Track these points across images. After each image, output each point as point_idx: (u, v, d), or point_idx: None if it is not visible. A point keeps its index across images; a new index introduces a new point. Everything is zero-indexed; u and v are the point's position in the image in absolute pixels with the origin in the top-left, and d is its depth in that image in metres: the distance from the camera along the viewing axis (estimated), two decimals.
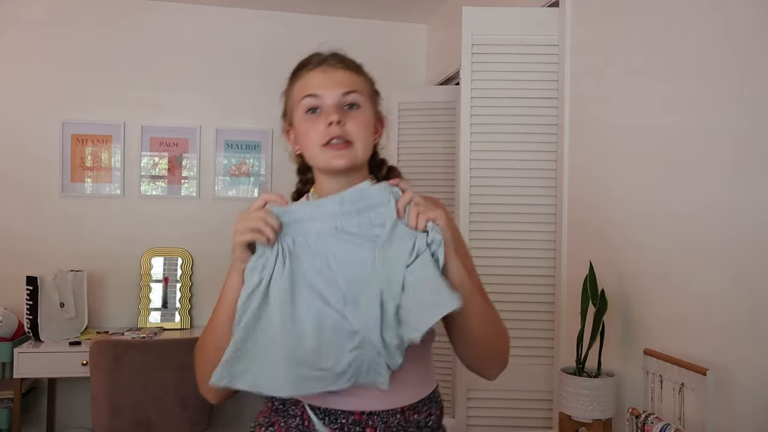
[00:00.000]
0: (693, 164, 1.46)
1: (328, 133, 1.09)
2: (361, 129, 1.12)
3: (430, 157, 3.06)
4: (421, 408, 1.12)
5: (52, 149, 3.29)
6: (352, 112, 1.12)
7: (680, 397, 1.42)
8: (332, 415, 1.07)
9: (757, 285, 1.27)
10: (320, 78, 1.13)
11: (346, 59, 1.17)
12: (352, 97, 1.12)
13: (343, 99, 1.12)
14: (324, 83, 1.12)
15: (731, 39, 1.36)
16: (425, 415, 1.14)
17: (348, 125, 1.10)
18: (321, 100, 1.11)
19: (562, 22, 2.07)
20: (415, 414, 1.11)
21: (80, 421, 3.23)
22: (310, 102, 1.12)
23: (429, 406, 1.15)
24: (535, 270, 2.09)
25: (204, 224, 3.40)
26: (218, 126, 3.48)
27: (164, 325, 3.27)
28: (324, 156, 1.11)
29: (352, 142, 1.10)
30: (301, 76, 1.16)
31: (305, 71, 1.15)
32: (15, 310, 3.01)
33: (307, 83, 1.13)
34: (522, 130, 2.11)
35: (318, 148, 1.11)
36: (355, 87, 1.13)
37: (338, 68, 1.14)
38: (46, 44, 3.29)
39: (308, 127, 1.12)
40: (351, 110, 1.12)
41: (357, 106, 1.13)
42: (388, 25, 3.70)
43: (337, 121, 1.08)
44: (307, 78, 1.14)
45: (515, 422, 2.07)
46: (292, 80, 1.18)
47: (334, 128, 1.09)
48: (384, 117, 1.23)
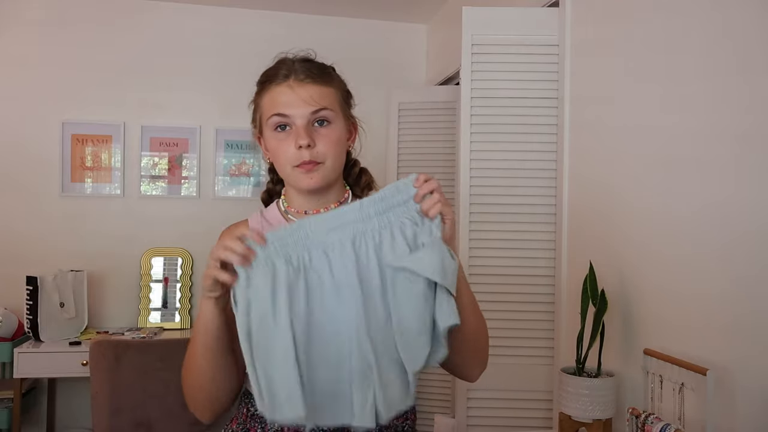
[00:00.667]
0: (693, 164, 1.46)
1: (298, 157, 1.08)
2: (331, 147, 1.10)
3: (430, 157, 3.05)
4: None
5: (52, 149, 3.29)
6: (322, 129, 1.10)
7: (680, 397, 1.42)
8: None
9: (758, 285, 1.27)
10: (288, 95, 1.09)
11: (313, 71, 1.12)
12: (322, 114, 1.10)
13: (313, 117, 1.09)
14: (292, 101, 1.09)
15: (732, 39, 1.36)
16: (402, 420, 1.15)
17: (318, 145, 1.09)
18: (290, 119, 1.09)
19: (562, 22, 2.07)
20: (394, 419, 1.11)
21: (80, 421, 3.23)
22: (278, 120, 1.10)
23: (406, 411, 1.15)
24: (535, 270, 2.09)
25: (204, 224, 3.40)
26: (218, 126, 3.48)
27: (164, 325, 3.27)
28: (294, 176, 1.11)
29: (322, 162, 1.09)
30: (268, 90, 1.13)
31: (273, 85, 1.12)
32: (15, 310, 3.01)
33: (276, 100, 1.11)
34: (522, 130, 2.11)
35: (289, 167, 1.10)
36: (324, 103, 1.10)
37: (306, 83, 1.10)
38: (46, 44, 3.29)
39: (278, 145, 1.11)
40: (321, 127, 1.10)
41: (327, 122, 1.11)
42: (388, 25, 3.70)
43: (307, 145, 1.07)
44: (274, 93, 1.11)
45: (515, 422, 2.07)
46: (260, 90, 1.16)
47: (304, 152, 1.07)
48: (356, 120, 1.20)
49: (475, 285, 2.11)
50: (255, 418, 1.12)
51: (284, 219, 1.18)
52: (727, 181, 1.36)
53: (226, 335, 1.02)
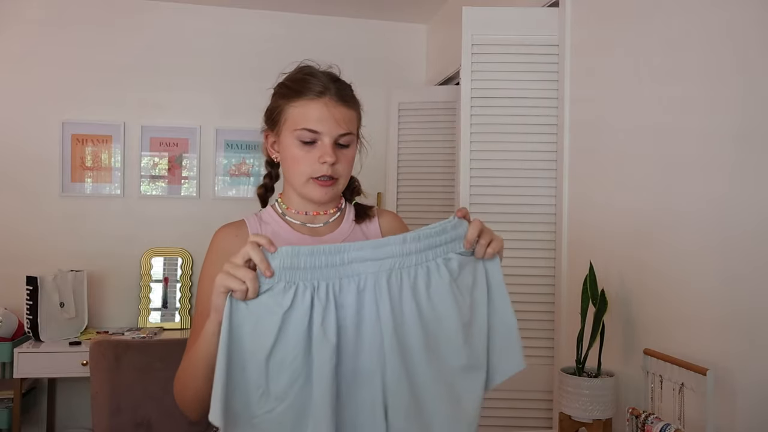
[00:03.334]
0: (693, 164, 1.46)
1: (319, 170, 1.14)
2: (347, 166, 1.18)
3: (430, 157, 3.06)
4: None
5: (52, 149, 3.29)
6: (343, 149, 1.17)
7: (680, 397, 1.42)
8: None
9: (758, 285, 1.27)
10: (322, 112, 1.14)
11: (345, 94, 1.17)
12: (346, 138, 1.16)
13: (339, 139, 1.15)
14: (325, 120, 1.14)
15: (732, 39, 1.36)
16: None
17: (338, 164, 1.16)
18: (319, 135, 1.14)
19: (562, 22, 2.07)
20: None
21: (80, 421, 3.23)
22: (308, 135, 1.14)
23: None
24: (535, 270, 2.09)
25: (204, 224, 3.38)
26: (218, 126, 3.48)
27: (164, 325, 3.27)
28: (309, 188, 1.17)
29: (338, 179, 1.17)
30: (301, 101, 1.15)
31: (306, 99, 1.15)
32: (15, 310, 3.01)
33: (308, 115, 1.14)
34: (522, 130, 2.11)
35: (305, 178, 1.16)
36: (350, 128, 1.17)
37: (340, 105, 1.15)
38: (46, 44, 3.29)
39: (299, 156, 1.15)
40: (341, 149, 1.16)
41: (348, 146, 1.17)
42: (388, 25, 3.70)
43: (332, 163, 1.13)
44: (308, 108, 1.15)
45: (515, 422, 2.07)
46: (288, 97, 1.18)
47: (327, 168, 1.14)
48: (360, 141, 1.26)
49: None
50: None
51: (282, 221, 1.23)
52: (727, 180, 1.36)
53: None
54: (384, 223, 1.28)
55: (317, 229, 1.23)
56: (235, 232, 1.21)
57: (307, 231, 1.22)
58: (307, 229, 1.22)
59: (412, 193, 3.08)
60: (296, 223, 1.22)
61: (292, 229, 1.22)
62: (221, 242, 1.21)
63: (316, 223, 1.23)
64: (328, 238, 1.21)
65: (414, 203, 3.05)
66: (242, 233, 1.21)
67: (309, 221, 1.23)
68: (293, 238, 1.20)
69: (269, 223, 1.23)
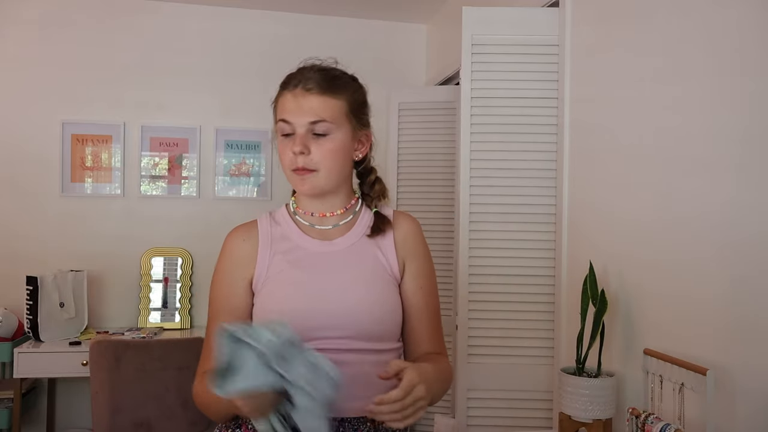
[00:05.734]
0: (693, 164, 1.46)
1: (294, 162, 1.15)
2: (326, 157, 1.16)
3: (430, 157, 3.05)
4: None
5: (52, 149, 3.29)
6: (320, 139, 1.16)
7: (680, 397, 1.42)
8: None
9: (758, 285, 1.27)
10: (292, 104, 1.16)
11: (322, 82, 1.16)
12: (320, 127, 1.15)
13: (311, 127, 1.15)
14: (294, 110, 1.15)
15: (732, 39, 1.36)
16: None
17: (313, 153, 1.15)
18: (292, 126, 1.16)
19: (562, 22, 2.07)
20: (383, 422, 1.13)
21: (80, 421, 3.23)
22: (283, 127, 1.17)
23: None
24: (535, 270, 2.09)
25: (204, 224, 3.40)
26: (218, 126, 3.48)
27: (164, 325, 3.27)
28: (292, 179, 1.18)
29: (316, 170, 1.15)
30: (281, 95, 1.19)
31: (285, 91, 1.18)
32: (15, 310, 3.01)
33: (284, 106, 1.17)
34: (522, 130, 2.11)
35: (288, 171, 1.18)
36: (323, 115, 1.15)
37: (312, 93, 1.15)
38: (46, 44, 3.29)
39: (282, 149, 1.18)
40: (320, 137, 1.15)
41: (325, 134, 1.16)
42: (388, 25, 3.70)
43: (300, 152, 1.14)
44: (284, 100, 1.18)
45: (515, 422, 2.07)
46: (278, 93, 1.21)
47: (299, 158, 1.14)
48: (369, 131, 1.25)
49: (475, 285, 2.12)
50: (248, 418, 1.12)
51: (292, 220, 1.23)
52: (726, 180, 1.36)
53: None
54: (399, 236, 1.24)
55: (327, 232, 1.21)
56: (244, 236, 1.22)
57: (316, 234, 1.21)
58: (316, 231, 1.21)
59: (412, 193, 3.08)
60: (305, 224, 1.22)
61: (301, 232, 1.21)
62: (230, 247, 1.22)
63: (325, 224, 1.22)
64: (338, 241, 1.20)
65: (414, 203, 3.05)
66: (252, 236, 1.21)
67: (318, 223, 1.22)
68: (301, 241, 1.20)
69: (280, 223, 1.23)
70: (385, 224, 1.23)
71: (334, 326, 1.12)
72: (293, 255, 1.18)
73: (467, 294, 2.09)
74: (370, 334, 1.14)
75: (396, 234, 1.23)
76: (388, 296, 1.17)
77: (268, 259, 1.18)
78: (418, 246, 1.24)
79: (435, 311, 1.25)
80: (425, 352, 1.22)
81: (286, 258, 1.18)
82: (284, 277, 1.16)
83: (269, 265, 1.17)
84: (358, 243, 1.20)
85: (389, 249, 1.21)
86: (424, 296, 1.23)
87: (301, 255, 1.18)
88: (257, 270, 1.18)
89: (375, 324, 1.14)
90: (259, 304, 1.17)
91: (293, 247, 1.19)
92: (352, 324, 1.12)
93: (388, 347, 1.18)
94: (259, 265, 1.18)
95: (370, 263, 1.19)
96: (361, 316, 1.13)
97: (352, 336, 1.12)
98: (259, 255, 1.19)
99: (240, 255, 1.20)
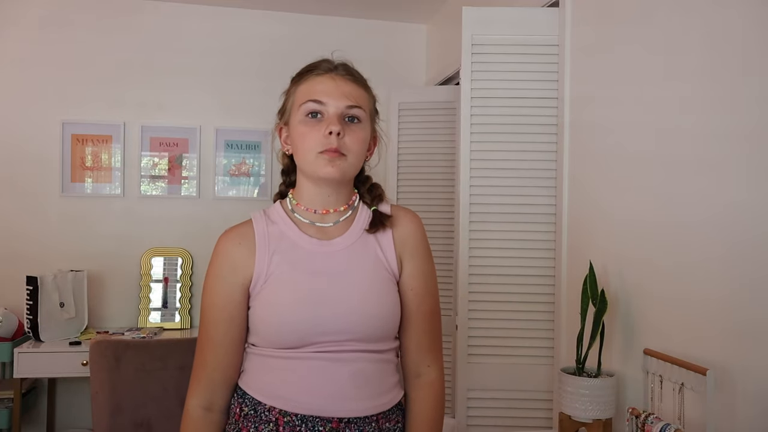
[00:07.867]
0: (692, 164, 1.46)
1: (326, 143, 1.10)
2: (357, 144, 1.13)
3: (430, 157, 3.06)
4: (391, 416, 1.15)
5: (52, 149, 3.29)
6: (352, 125, 1.13)
7: (680, 397, 1.42)
8: (310, 422, 1.07)
9: (758, 285, 1.27)
10: (328, 85, 1.13)
11: (355, 72, 1.18)
12: (355, 111, 1.13)
13: (347, 111, 1.12)
14: (331, 91, 1.12)
15: (732, 39, 1.36)
16: (394, 423, 1.16)
17: (346, 138, 1.11)
18: (324, 107, 1.12)
19: (562, 22, 2.07)
20: (387, 422, 1.13)
21: (80, 421, 3.23)
22: (312, 107, 1.12)
23: (397, 414, 1.18)
24: (535, 270, 2.09)
25: (204, 224, 3.40)
26: (218, 126, 3.48)
27: (164, 325, 3.27)
28: (316, 163, 1.12)
29: (346, 155, 1.12)
30: (307, 79, 1.15)
31: (313, 75, 1.15)
32: (15, 310, 3.01)
33: (314, 88, 1.13)
34: (522, 130, 2.11)
35: (313, 154, 1.12)
36: (359, 102, 1.14)
37: (347, 79, 1.14)
38: (46, 44, 3.29)
39: (306, 132, 1.12)
40: (351, 123, 1.13)
41: (358, 121, 1.14)
42: (388, 25, 3.70)
43: (338, 133, 1.09)
44: (314, 82, 1.14)
45: (515, 422, 2.07)
46: (297, 80, 1.18)
47: (333, 139, 1.10)
48: (379, 136, 1.24)
49: (475, 285, 2.12)
50: (248, 418, 1.12)
51: (289, 218, 1.19)
52: (727, 182, 1.36)
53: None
54: (398, 234, 1.21)
55: (326, 229, 1.18)
56: (239, 240, 1.16)
57: (315, 232, 1.17)
58: (315, 229, 1.17)
59: (412, 193, 3.08)
60: (305, 221, 1.18)
61: (299, 230, 1.17)
62: (225, 252, 1.17)
63: (326, 222, 1.18)
64: (338, 241, 1.17)
65: (414, 203, 3.05)
66: (248, 238, 1.16)
67: (318, 220, 1.18)
68: (300, 240, 1.16)
69: (277, 222, 1.18)
70: (384, 220, 1.20)
71: (337, 331, 1.10)
72: (293, 255, 1.14)
73: (467, 294, 2.09)
74: (373, 336, 1.13)
75: (396, 231, 1.20)
76: (388, 297, 1.16)
77: (266, 259, 1.13)
78: (417, 245, 1.21)
79: (428, 314, 1.21)
80: (414, 363, 1.21)
81: (285, 258, 1.14)
82: (284, 282, 1.12)
83: (268, 266, 1.13)
84: (357, 242, 1.17)
85: (388, 246, 1.18)
86: (415, 298, 1.19)
87: (301, 255, 1.14)
88: (255, 273, 1.13)
89: (377, 327, 1.13)
90: (259, 310, 1.13)
91: (292, 246, 1.15)
92: (355, 328, 1.11)
93: (388, 347, 1.17)
94: (258, 268, 1.13)
95: (371, 263, 1.16)
96: (364, 320, 1.11)
97: (354, 339, 1.11)
98: (257, 257, 1.14)
99: (236, 260, 1.15)
